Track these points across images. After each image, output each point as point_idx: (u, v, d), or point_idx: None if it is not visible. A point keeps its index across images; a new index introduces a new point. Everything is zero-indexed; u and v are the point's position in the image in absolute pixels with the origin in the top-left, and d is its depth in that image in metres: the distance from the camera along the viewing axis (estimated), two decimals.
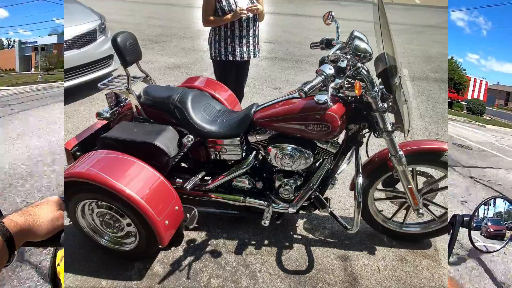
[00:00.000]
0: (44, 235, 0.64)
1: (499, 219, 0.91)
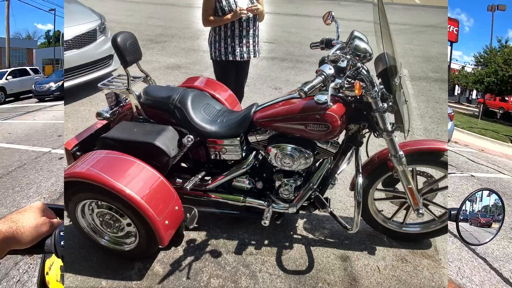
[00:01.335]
0: (29, 243, 0.63)
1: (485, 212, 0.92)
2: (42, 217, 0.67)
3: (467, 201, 0.91)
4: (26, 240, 0.62)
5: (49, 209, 0.71)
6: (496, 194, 0.94)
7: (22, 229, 0.62)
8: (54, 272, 0.88)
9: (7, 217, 0.63)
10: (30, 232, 0.63)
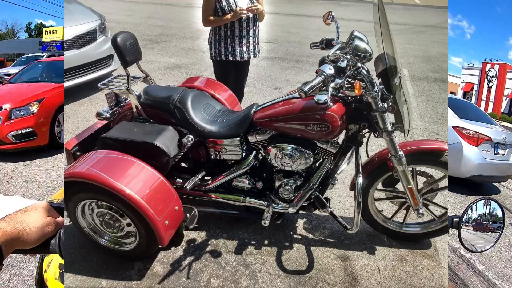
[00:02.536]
0: (34, 243, 0.62)
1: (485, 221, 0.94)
2: (47, 217, 0.65)
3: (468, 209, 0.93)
4: (31, 241, 0.61)
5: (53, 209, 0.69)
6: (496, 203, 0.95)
7: (28, 230, 0.60)
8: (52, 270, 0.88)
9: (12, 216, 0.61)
10: (35, 233, 0.61)
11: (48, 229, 0.64)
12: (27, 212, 0.64)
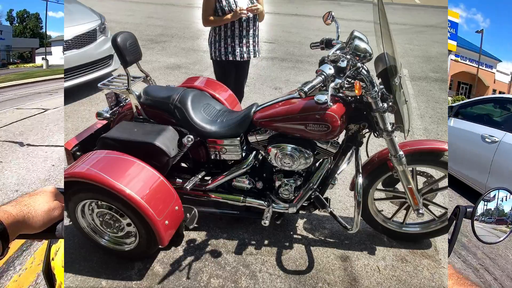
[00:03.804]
0: (40, 227, 0.61)
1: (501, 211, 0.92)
2: (54, 201, 0.65)
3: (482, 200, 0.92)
4: (37, 225, 0.60)
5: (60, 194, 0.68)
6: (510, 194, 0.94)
7: (33, 213, 0.60)
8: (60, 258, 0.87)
9: (18, 200, 0.61)
10: (42, 217, 0.61)
11: (55, 214, 0.64)
12: (33, 196, 0.63)
